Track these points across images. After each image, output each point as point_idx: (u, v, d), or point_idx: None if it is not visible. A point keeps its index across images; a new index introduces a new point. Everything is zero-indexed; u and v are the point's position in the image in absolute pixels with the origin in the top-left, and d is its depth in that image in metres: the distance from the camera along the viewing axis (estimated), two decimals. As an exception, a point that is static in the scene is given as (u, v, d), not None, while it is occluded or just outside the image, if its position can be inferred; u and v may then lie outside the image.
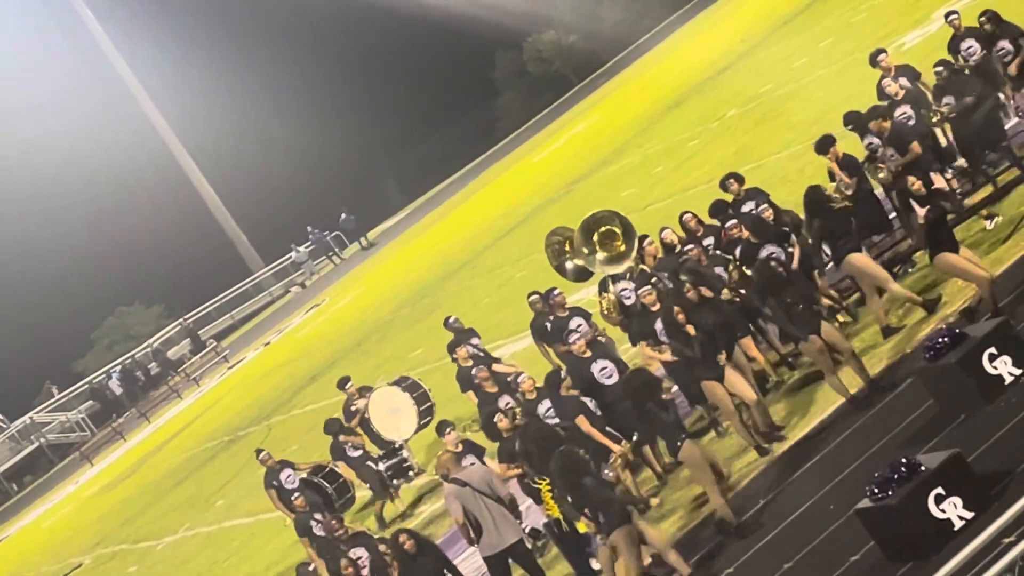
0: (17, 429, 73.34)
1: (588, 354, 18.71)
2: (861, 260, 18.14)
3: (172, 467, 48.09)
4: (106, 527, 45.06)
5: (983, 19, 21.43)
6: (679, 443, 16.07)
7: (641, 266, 20.16)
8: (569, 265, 21.60)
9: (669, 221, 20.89)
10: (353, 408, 25.02)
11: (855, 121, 20.50)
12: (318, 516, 21.66)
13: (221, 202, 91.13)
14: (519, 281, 37.22)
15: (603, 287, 20.84)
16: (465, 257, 49.65)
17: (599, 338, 19.76)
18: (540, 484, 17.62)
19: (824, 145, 19.62)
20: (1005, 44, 21.16)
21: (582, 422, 17.89)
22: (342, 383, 25.76)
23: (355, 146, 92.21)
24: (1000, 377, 14.80)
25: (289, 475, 23.92)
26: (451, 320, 24.90)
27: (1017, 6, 22.78)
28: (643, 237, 20.51)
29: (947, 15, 21.92)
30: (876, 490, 13.15)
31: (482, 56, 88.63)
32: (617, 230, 20.15)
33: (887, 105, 20.63)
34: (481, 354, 23.29)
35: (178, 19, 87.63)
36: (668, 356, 18.01)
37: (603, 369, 18.55)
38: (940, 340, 15.14)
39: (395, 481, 24.58)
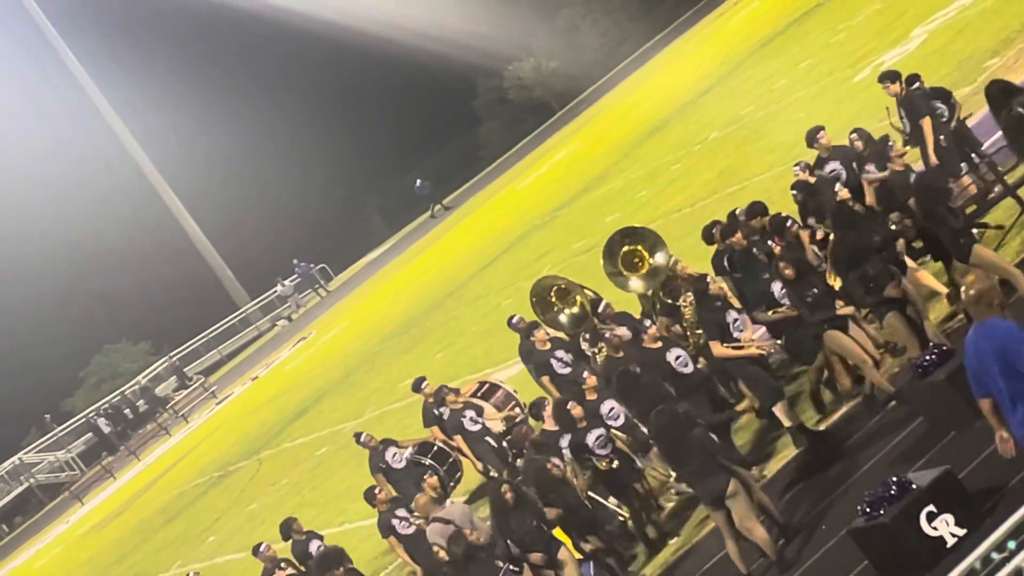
0: (6, 470, 73.16)
1: (659, 345, 18.06)
2: None
3: (163, 504, 47.96)
4: (98, 566, 44.92)
5: (854, 136, 20.13)
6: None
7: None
8: (563, 318, 21.10)
9: (654, 245, 20.78)
10: (437, 412, 22.60)
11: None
12: (400, 513, 19.70)
13: (206, 237, 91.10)
14: (505, 309, 37.11)
15: (594, 341, 19.95)
16: (450, 287, 49.63)
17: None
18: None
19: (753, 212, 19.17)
20: (871, 167, 19.57)
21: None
22: (417, 384, 23.24)
23: (339, 179, 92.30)
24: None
25: (395, 454, 22.25)
26: (515, 319, 22.74)
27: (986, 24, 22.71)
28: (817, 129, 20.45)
29: (814, 131, 20.61)
30: (868, 509, 13.17)
31: (463, 85, 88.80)
32: (639, 247, 19.88)
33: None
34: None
35: (161, 59, 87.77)
36: (766, 342, 17.59)
37: (678, 358, 17.81)
38: (928, 357, 15.16)
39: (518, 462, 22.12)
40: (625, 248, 20.05)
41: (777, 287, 17.44)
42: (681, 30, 75.66)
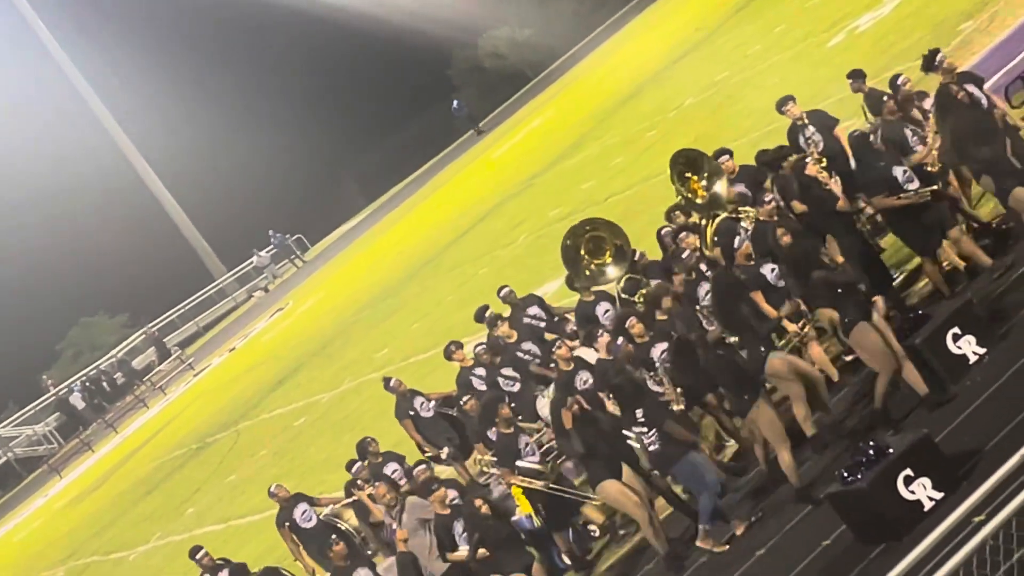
0: (-16, 445, 73.06)
1: (752, 263, 17.12)
2: None
3: (141, 477, 47.91)
4: (77, 539, 44.87)
5: (765, 160, 19.00)
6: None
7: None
8: (611, 271, 19.71)
9: (630, 213, 20.79)
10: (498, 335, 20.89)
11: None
12: (507, 371, 19.42)
13: (181, 209, 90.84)
14: (481, 278, 37.20)
15: (632, 290, 18.97)
16: (426, 256, 49.57)
17: None
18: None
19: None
20: (773, 196, 17.98)
21: (758, 297, 16.44)
22: (487, 315, 21.63)
23: (314, 149, 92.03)
24: (964, 357, 14.85)
25: (423, 402, 21.38)
26: (504, 291, 21.74)
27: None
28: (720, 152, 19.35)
29: (717, 154, 19.24)
30: (845, 474, 13.19)
31: (438, 53, 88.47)
32: (689, 172, 18.96)
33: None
34: (542, 324, 20.94)
35: (135, 33, 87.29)
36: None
37: (773, 270, 16.94)
38: (903, 322, 15.18)
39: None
40: (682, 174, 19.18)
41: (900, 171, 16.93)
42: (655, -4, 75.49)
